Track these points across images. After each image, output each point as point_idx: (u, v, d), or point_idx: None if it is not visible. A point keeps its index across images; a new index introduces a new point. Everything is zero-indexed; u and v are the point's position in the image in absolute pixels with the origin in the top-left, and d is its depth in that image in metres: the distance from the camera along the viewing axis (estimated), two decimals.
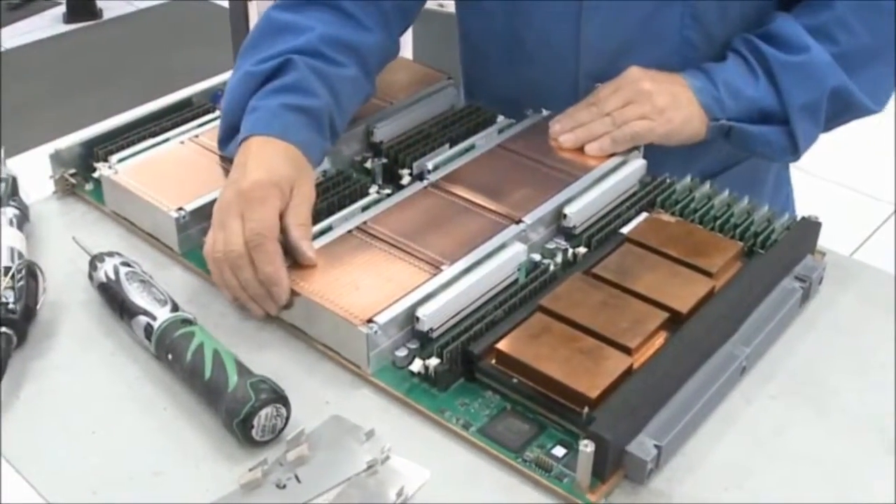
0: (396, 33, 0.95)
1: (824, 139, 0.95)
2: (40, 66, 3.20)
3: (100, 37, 3.51)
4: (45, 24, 3.56)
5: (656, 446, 0.62)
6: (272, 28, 0.88)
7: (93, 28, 3.57)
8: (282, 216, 0.76)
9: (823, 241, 0.83)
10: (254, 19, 2.35)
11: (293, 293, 0.73)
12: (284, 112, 0.81)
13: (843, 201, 2.41)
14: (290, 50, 0.85)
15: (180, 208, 0.82)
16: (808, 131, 0.90)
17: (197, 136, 0.93)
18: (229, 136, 0.85)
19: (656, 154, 0.90)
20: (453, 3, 1.05)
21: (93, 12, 3.61)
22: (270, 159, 0.78)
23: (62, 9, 3.62)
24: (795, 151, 0.91)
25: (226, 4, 2.50)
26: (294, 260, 0.75)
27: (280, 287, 0.73)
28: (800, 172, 1.13)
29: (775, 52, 0.88)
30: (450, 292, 0.73)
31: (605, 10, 0.91)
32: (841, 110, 0.91)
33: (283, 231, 0.75)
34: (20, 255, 0.79)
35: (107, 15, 3.64)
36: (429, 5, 1.08)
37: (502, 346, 0.68)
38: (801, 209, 0.89)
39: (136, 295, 0.74)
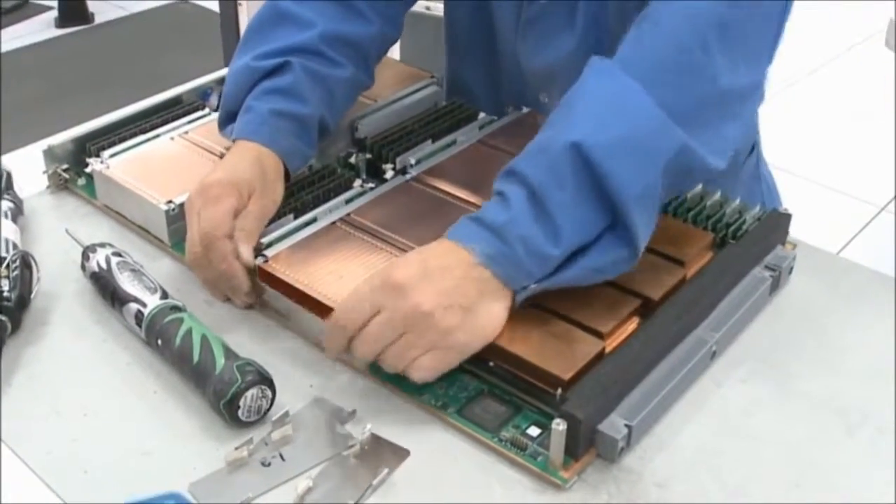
0: (398, 17, 0.97)
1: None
2: (33, 69, 3.22)
3: (92, 41, 3.53)
4: (38, 29, 3.57)
5: (627, 426, 0.65)
6: (275, 16, 0.90)
7: (84, 32, 3.58)
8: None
9: (811, 241, 0.86)
10: (244, 24, 2.37)
11: (260, 288, 0.78)
12: (273, 118, 0.84)
13: (828, 202, 2.44)
14: (290, 47, 0.87)
15: (170, 201, 0.84)
16: (647, 222, 0.71)
17: (186, 133, 0.95)
18: (226, 121, 0.88)
19: None
20: (440, 6, 1.08)
21: (84, 17, 3.63)
22: (238, 163, 0.81)
23: (54, 13, 3.63)
24: (634, 257, 0.71)
25: (216, 9, 2.52)
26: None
27: (237, 279, 0.77)
28: (785, 174, 1.15)
29: (592, 152, 0.68)
30: None
31: (532, 37, 0.95)
32: (682, 178, 0.74)
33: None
34: (15, 246, 0.81)
35: (98, 19, 3.66)
36: (416, 7, 1.10)
37: None
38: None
39: (127, 283, 0.76)
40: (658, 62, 0.72)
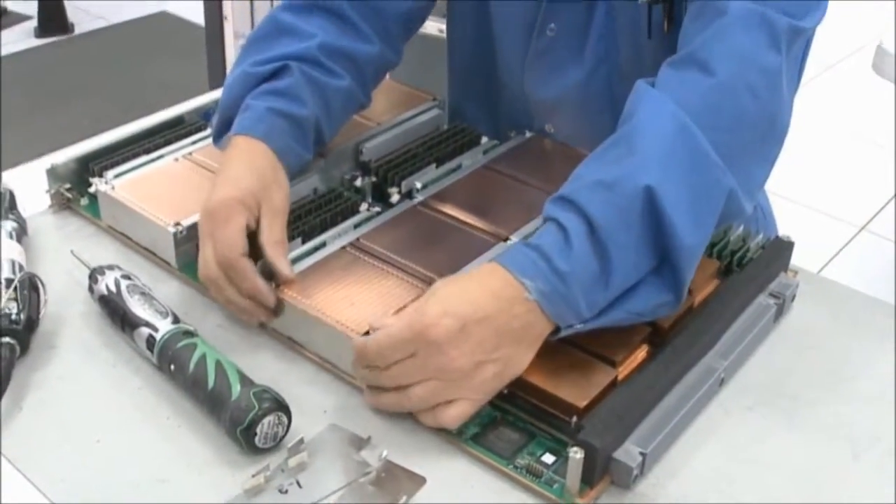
0: (398, 43, 0.98)
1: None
2: (11, 79, 3.19)
3: (71, 51, 3.51)
4: (16, 38, 3.55)
5: (641, 453, 0.65)
6: (275, 29, 0.91)
7: (64, 43, 3.56)
8: (255, 233, 0.78)
9: (792, 260, 0.87)
10: (229, 37, 2.37)
11: (281, 300, 0.77)
12: (270, 116, 0.84)
13: (809, 222, 2.47)
14: (289, 55, 0.88)
15: (177, 223, 0.84)
16: (693, 268, 0.71)
17: (191, 154, 0.95)
18: (222, 132, 0.88)
19: None
20: (430, 24, 1.09)
21: (64, 27, 3.61)
22: (238, 171, 0.80)
23: (33, 23, 3.61)
24: (678, 302, 0.72)
25: (196, 20, 2.52)
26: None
27: (263, 295, 0.77)
28: (769, 195, 1.17)
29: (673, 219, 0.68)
30: None
31: (540, 69, 0.96)
32: (723, 222, 0.74)
33: (260, 249, 0.78)
34: (21, 268, 0.81)
35: (78, 30, 3.64)
36: None
37: None
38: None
39: (138, 307, 0.76)
40: (710, 105, 0.72)
